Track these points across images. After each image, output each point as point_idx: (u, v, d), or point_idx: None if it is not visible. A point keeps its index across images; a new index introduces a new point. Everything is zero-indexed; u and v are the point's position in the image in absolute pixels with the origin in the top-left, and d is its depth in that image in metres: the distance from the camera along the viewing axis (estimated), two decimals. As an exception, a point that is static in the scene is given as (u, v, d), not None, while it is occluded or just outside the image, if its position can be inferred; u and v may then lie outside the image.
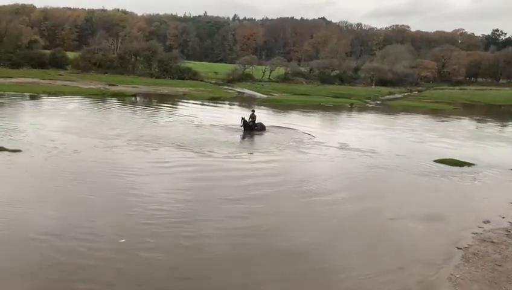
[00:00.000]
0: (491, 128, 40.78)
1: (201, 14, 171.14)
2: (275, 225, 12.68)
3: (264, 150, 23.12)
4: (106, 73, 67.76)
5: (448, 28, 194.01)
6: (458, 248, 11.84)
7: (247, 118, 27.59)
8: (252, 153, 22.79)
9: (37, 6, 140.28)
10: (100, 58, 70.67)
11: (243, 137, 26.46)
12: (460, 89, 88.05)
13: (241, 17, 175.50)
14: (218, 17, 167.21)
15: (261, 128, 27.92)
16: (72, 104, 37.75)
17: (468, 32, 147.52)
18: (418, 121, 41.68)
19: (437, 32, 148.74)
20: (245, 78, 76.90)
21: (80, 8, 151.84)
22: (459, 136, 33.09)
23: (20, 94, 41.55)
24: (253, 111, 28.84)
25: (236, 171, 18.25)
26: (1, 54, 66.96)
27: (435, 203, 15.67)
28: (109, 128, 25.97)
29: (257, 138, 26.38)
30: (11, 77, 53.89)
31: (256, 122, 27.97)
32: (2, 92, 41.08)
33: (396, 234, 12.74)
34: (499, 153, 26.74)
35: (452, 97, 69.52)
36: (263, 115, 35.90)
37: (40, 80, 53.88)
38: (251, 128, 27.42)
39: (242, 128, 27.23)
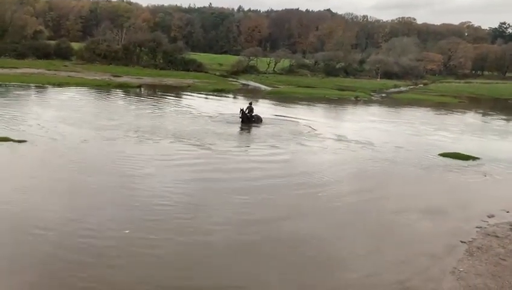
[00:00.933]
0: (497, 122, 40.53)
1: (206, 5, 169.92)
2: (278, 225, 12.51)
3: (263, 143, 22.88)
4: (111, 64, 67.69)
5: (454, 20, 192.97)
6: (462, 242, 11.86)
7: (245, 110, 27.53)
8: (251, 147, 22.62)
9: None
10: (105, 49, 70.56)
11: (241, 129, 26.40)
12: (466, 82, 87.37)
13: (246, 9, 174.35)
14: (223, 8, 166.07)
15: (258, 120, 27.91)
16: (77, 95, 37.79)
17: (475, 25, 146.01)
18: (423, 115, 41.41)
19: (443, 24, 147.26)
20: (249, 70, 76.47)
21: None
22: (464, 129, 32.91)
23: (26, 85, 41.64)
24: (251, 103, 28.69)
25: (237, 171, 17.46)
26: (6, 44, 67.03)
27: (439, 197, 15.67)
28: (113, 120, 26.03)
29: (256, 131, 26.19)
30: (17, 68, 54.01)
31: (253, 114, 27.90)
32: (7, 83, 41.25)
33: (400, 228, 12.78)
34: (503, 147, 26.65)
35: (458, 90, 69.06)
36: (267, 107, 35.91)
37: (45, 71, 53.94)
38: (249, 120, 27.41)
39: (240, 120, 27.21)
